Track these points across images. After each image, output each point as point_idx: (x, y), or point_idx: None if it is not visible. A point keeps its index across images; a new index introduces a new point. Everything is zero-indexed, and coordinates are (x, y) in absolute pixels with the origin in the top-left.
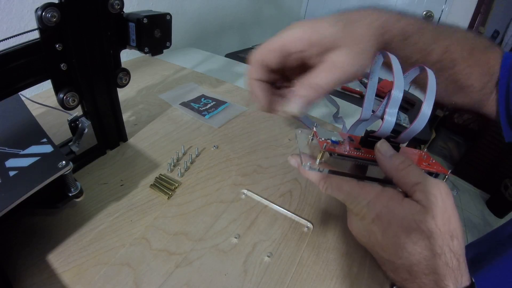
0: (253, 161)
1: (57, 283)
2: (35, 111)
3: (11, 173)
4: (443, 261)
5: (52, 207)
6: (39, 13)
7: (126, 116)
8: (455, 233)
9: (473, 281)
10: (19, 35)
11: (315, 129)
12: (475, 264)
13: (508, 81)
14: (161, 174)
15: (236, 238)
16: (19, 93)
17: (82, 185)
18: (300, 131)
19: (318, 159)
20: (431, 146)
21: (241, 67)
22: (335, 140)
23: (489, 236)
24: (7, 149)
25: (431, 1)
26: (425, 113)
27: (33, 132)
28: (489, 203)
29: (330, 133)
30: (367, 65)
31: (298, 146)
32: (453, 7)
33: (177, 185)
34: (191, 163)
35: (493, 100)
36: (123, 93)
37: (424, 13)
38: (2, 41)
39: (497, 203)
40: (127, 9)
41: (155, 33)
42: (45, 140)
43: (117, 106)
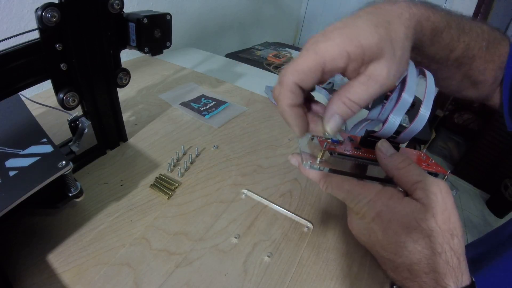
0: (253, 161)
1: (57, 283)
2: (35, 111)
3: (11, 173)
4: (443, 259)
5: (52, 207)
6: (39, 13)
7: (126, 116)
8: (455, 232)
9: (473, 280)
10: (19, 35)
11: None
12: (475, 264)
13: None
14: (161, 174)
15: (236, 238)
16: (19, 93)
17: (82, 185)
18: None
19: (318, 158)
20: (431, 146)
21: (241, 67)
22: (335, 139)
23: (489, 236)
24: (7, 149)
25: (431, 1)
26: (423, 114)
27: (33, 132)
28: (489, 203)
29: None
30: (404, 72)
31: (298, 145)
32: (453, 7)
33: (177, 185)
34: (191, 163)
35: (498, 91)
36: (123, 93)
37: None
38: (2, 41)
39: (497, 203)
40: (127, 9)
41: (155, 33)
42: (45, 140)
43: (117, 106)
